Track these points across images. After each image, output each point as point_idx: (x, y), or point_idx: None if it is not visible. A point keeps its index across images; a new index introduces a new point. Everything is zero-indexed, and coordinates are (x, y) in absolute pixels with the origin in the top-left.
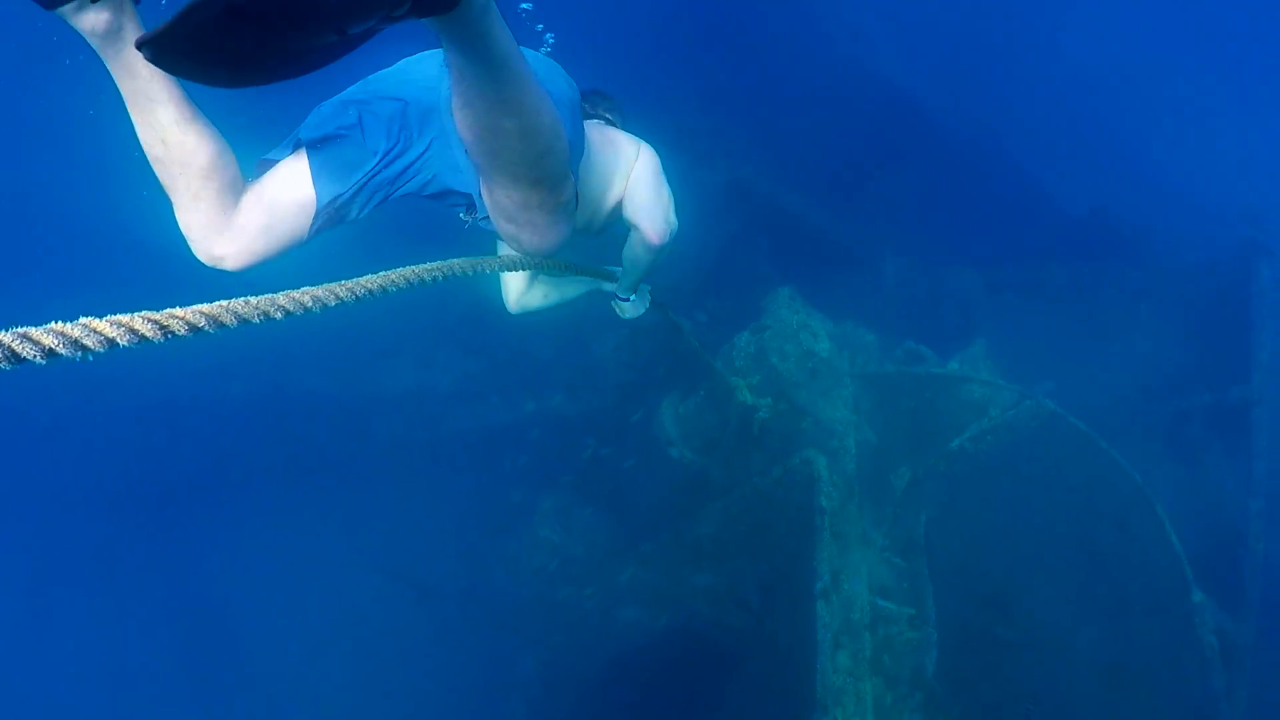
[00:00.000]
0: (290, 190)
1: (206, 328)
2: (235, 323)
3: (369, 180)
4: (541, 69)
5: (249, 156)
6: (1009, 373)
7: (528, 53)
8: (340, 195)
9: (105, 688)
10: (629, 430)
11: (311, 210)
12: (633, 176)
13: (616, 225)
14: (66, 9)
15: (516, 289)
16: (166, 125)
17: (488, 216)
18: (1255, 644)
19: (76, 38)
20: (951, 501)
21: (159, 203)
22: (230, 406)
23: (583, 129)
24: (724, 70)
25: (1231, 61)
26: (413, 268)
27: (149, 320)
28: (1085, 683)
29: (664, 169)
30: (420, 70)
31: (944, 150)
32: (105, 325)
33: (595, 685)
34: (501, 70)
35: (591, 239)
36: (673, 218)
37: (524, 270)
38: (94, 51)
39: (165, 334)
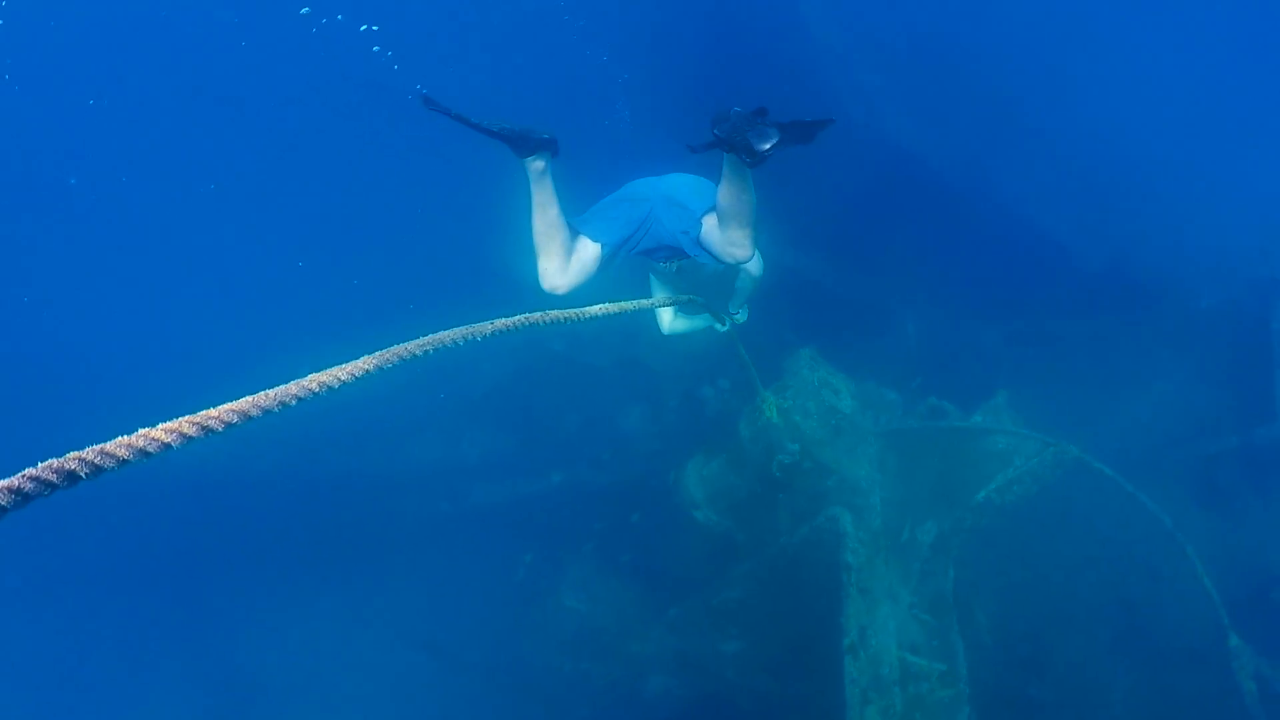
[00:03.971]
0: (588, 254)
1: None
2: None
3: (622, 244)
4: None
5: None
6: (1032, 422)
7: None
8: (610, 254)
9: None
10: (655, 496)
11: (598, 263)
12: None
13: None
14: (528, 160)
15: (668, 318)
16: (552, 219)
17: (698, 244)
18: None
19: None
20: (979, 556)
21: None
22: (260, 482)
23: None
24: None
25: (1241, 105)
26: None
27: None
28: None
29: None
30: (645, 186)
31: (958, 208)
32: (159, 432)
33: None
34: (748, 181)
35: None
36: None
37: (667, 307)
38: (528, 179)
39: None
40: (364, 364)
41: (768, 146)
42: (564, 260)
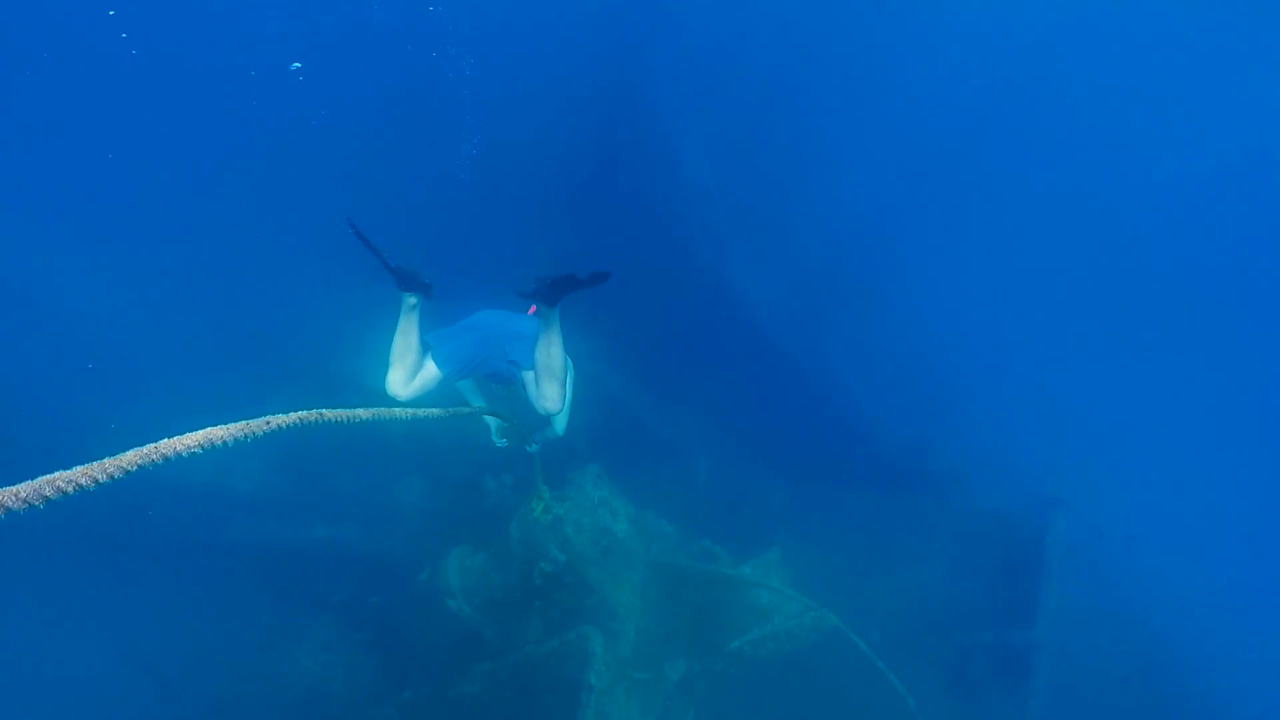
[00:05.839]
0: (430, 373)
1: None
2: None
3: (460, 367)
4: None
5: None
6: (799, 583)
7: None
8: (448, 374)
9: None
10: (412, 574)
11: (437, 380)
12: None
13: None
14: (406, 294)
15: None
16: (410, 343)
17: (523, 385)
18: None
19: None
20: (724, 703)
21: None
22: None
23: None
24: (574, 249)
25: (1049, 327)
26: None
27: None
28: None
29: None
30: (489, 317)
31: (777, 364)
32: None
33: None
34: (556, 334)
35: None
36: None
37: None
38: (400, 306)
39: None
40: (129, 459)
41: (560, 288)
42: (409, 376)
